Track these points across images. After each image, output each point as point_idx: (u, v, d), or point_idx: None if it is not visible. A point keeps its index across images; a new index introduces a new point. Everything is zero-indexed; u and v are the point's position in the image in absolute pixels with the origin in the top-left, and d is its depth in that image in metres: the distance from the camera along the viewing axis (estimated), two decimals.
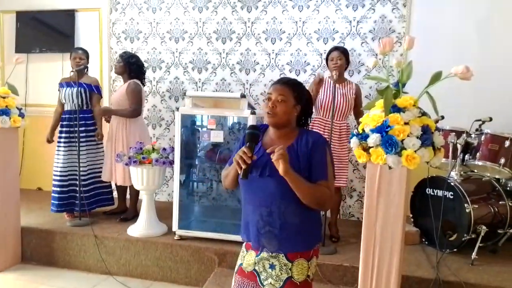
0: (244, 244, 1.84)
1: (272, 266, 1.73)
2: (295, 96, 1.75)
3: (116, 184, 4.09)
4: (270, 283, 1.73)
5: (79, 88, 3.91)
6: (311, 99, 1.88)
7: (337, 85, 3.44)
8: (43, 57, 5.08)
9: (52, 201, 3.94)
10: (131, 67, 3.93)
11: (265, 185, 1.69)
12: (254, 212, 1.73)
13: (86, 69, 3.96)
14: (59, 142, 3.97)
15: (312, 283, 1.79)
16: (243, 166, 1.60)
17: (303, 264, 1.73)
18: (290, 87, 1.75)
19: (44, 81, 5.00)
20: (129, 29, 4.88)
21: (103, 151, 4.10)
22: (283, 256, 1.72)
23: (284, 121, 1.74)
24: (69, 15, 4.97)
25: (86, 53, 4.01)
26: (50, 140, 4.07)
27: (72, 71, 3.85)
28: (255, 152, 1.68)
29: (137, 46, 4.85)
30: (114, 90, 4.68)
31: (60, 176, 3.91)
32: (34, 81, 5.15)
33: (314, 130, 3.61)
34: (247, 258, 1.80)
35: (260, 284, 1.76)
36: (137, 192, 4.01)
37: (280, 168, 1.57)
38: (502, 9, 4.00)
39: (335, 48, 3.57)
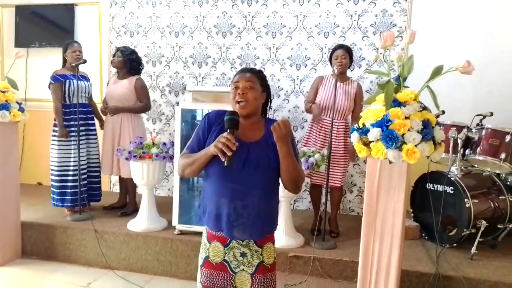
0: (205, 237, 1.81)
1: (243, 255, 1.76)
2: (261, 83, 1.79)
3: (119, 179, 4.12)
4: (243, 269, 1.76)
5: (87, 82, 3.96)
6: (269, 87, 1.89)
7: (338, 83, 3.43)
8: (43, 51, 5.07)
9: (53, 196, 3.94)
10: (132, 63, 3.93)
11: (246, 176, 1.67)
12: (227, 205, 1.69)
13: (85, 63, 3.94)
14: (54, 136, 3.90)
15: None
16: (229, 153, 1.55)
17: (270, 247, 1.81)
18: (256, 74, 1.79)
19: (44, 75, 4.95)
20: (128, 23, 4.86)
21: (97, 146, 4.10)
22: (253, 243, 1.76)
23: (254, 108, 1.75)
24: (68, 9, 4.96)
25: (81, 46, 3.99)
26: (67, 134, 3.87)
27: (72, 64, 3.81)
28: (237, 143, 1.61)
29: (137, 40, 4.83)
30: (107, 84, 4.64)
31: (58, 170, 3.89)
32: (34, 75, 5.14)
33: (314, 129, 3.61)
34: (213, 250, 1.78)
35: (231, 273, 1.77)
36: (135, 186, 4.02)
37: (284, 145, 1.60)
38: (503, 3, 3.97)
39: (340, 46, 3.55)
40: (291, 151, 1.65)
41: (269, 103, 1.89)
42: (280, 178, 1.75)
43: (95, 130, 4.08)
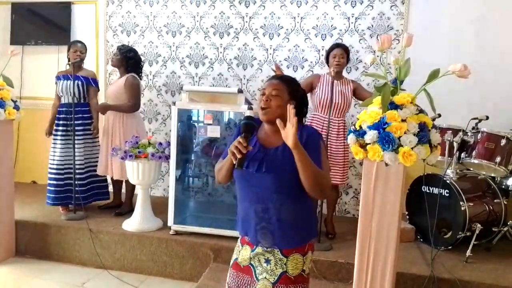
0: (239, 239, 1.85)
1: (267, 261, 1.74)
2: (289, 91, 1.74)
3: (112, 178, 4.08)
4: (265, 277, 1.73)
5: (76, 81, 3.88)
6: (306, 97, 1.86)
7: (335, 81, 3.44)
8: (38, 49, 5.03)
9: (48, 194, 3.93)
10: (129, 61, 3.90)
11: (261, 180, 1.68)
12: (250, 208, 1.73)
13: (82, 62, 3.93)
14: (55, 135, 3.94)
15: (309, 278, 1.78)
16: (238, 156, 1.57)
17: (298, 259, 1.73)
18: (284, 82, 1.76)
19: (39, 73, 4.96)
20: (125, 22, 4.84)
21: (99, 145, 4.08)
22: (278, 251, 1.72)
23: (277, 115, 1.68)
24: (65, 8, 4.93)
25: (85, 47, 3.99)
26: (49, 134, 4.01)
27: (68, 63, 3.83)
28: (251, 147, 1.66)
29: (134, 39, 4.82)
30: (109, 83, 4.64)
31: (57, 169, 3.89)
32: (29, 73, 5.10)
33: (313, 126, 3.61)
34: (242, 253, 1.80)
35: (255, 279, 1.76)
36: (133, 186, 3.99)
37: (291, 136, 1.53)
38: (499, 6, 4.00)
39: (338, 45, 3.55)
40: (305, 157, 1.58)
41: (304, 111, 1.82)
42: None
43: (82, 130, 3.96)
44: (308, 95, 3.63)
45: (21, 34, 5.05)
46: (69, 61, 3.92)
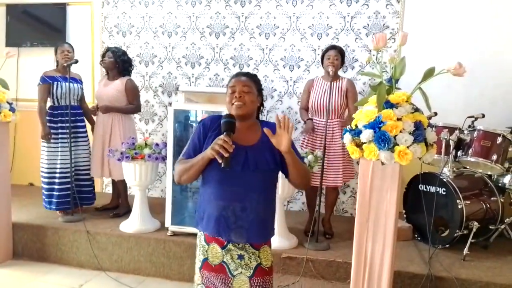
0: (202, 239, 1.82)
1: (240, 257, 1.76)
2: (256, 87, 1.81)
3: (113, 180, 4.10)
4: (241, 272, 1.76)
5: (77, 84, 3.92)
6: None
7: (333, 83, 3.44)
8: (34, 51, 5.02)
9: (51, 200, 3.88)
10: (124, 64, 3.93)
11: (245, 179, 1.69)
12: (226, 207, 1.71)
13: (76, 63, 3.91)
14: (55, 139, 3.87)
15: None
16: (226, 155, 1.57)
17: (267, 250, 1.82)
18: (252, 78, 1.81)
19: (35, 75, 4.89)
20: (121, 23, 4.83)
21: (88, 148, 4.06)
22: (249, 246, 1.76)
23: (251, 110, 1.77)
24: (60, 9, 4.92)
25: (72, 47, 3.95)
26: (50, 135, 3.84)
27: (67, 64, 3.79)
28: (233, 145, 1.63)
29: (129, 40, 4.81)
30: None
31: (62, 173, 3.85)
32: (25, 75, 5.08)
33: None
34: (212, 252, 1.79)
35: (230, 276, 1.77)
36: (126, 187, 4.01)
37: (286, 142, 1.61)
38: (494, 4, 4.00)
39: (333, 47, 3.55)
40: (296, 158, 1.70)
41: (262, 107, 1.90)
42: (288, 179, 1.79)
43: (84, 132, 4.01)
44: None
45: (17, 36, 5.04)
46: (57, 63, 3.90)
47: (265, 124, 1.80)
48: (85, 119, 4.08)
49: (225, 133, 1.62)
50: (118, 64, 3.87)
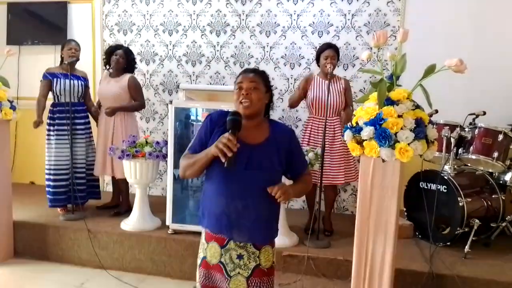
0: (203, 237, 1.81)
1: (239, 257, 1.75)
2: (265, 83, 1.79)
3: (113, 178, 4.09)
4: (238, 273, 1.75)
5: (79, 81, 3.91)
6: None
7: (328, 81, 3.44)
8: (35, 49, 5.02)
9: (51, 196, 3.88)
10: (133, 63, 4.01)
11: (248, 178, 1.68)
12: (228, 205, 1.69)
13: (77, 61, 3.90)
14: (57, 135, 3.85)
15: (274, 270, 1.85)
16: (229, 154, 1.55)
17: (269, 251, 1.78)
18: (259, 74, 1.79)
19: (36, 73, 4.91)
20: (122, 21, 4.83)
21: (87, 145, 4.06)
22: (250, 245, 1.75)
23: (258, 109, 1.75)
24: (61, 7, 4.92)
25: (79, 45, 3.95)
26: (40, 122, 3.85)
27: (65, 62, 3.80)
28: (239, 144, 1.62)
29: (130, 38, 4.81)
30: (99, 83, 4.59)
31: (65, 169, 3.85)
32: (26, 73, 5.09)
33: (309, 128, 3.59)
34: (210, 251, 1.78)
35: (226, 276, 1.75)
36: (127, 186, 4.01)
37: (284, 199, 1.68)
38: (496, 1, 3.99)
39: (329, 46, 3.53)
40: (297, 191, 1.81)
41: (272, 104, 1.88)
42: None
43: (83, 130, 3.97)
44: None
45: (18, 34, 5.04)
46: (62, 59, 3.90)
47: (275, 125, 1.79)
48: (89, 116, 4.07)
49: (230, 131, 1.60)
50: (128, 63, 3.92)
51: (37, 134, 4.03)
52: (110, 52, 3.93)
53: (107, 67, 3.99)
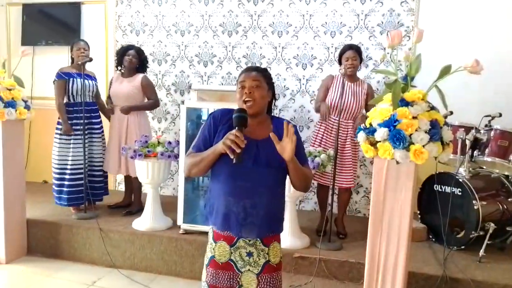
0: (211, 236, 1.80)
1: (249, 254, 1.75)
2: (267, 81, 1.79)
3: (126, 177, 4.13)
4: (249, 269, 1.75)
5: (93, 81, 3.96)
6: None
7: (348, 83, 3.41)
8: (49, 49, 5.08)
9: (63, 195, 3.90)
10: (145, 63, 4.07)
11: (256, 175, 1.67)
12: (236, 204, 1.68)
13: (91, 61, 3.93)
14: (75, 135, 3.86)
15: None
16: (238, 150, 1.55)
17: (277, 247, 1.80)
18: (261, 72, 1.79)
19: (50, 73, 4.95)
20: (134, 22, 4.85)
21: (102, 144, 4.09)
22: (259, 242, 1.75)
23: (261, 106, 1.76)
24: (75, 8, 4.97)
25: (88, 45, 3.98)
26: (70, 129, 3.84)
27: (78, 63, 3.82)
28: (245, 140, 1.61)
29: (143, 39, 4.83)
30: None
31: (78, 169, 3.87)
32: (40, 73, 5.15)
33: (321, 129, 3.56)
34: (218, 250, 1.77)
35: (238, 272, 1.76)
36: (140, 185, 4.02)
37: (289, 152, 1.59)
38: (510, 1, 3.92)
39: (350, 47, 3.49)
40: (298, 165, 1.69)
41: (274, 101, 1.88)
42: (289, 179, 1.77)
43: (99, 129, 4.04)
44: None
45: (32, 35, 5.11)
46: (73, 60, 3.94)
47: (276, 120, 1.80)
48: (101, 114, 4.10)
49: (237, 128, 1.60)
50: (141, 63, 3.96)
51: (50, 134, 4.05)
52: (122, 52, 3.95)
53: (119, 68, 4.02)
